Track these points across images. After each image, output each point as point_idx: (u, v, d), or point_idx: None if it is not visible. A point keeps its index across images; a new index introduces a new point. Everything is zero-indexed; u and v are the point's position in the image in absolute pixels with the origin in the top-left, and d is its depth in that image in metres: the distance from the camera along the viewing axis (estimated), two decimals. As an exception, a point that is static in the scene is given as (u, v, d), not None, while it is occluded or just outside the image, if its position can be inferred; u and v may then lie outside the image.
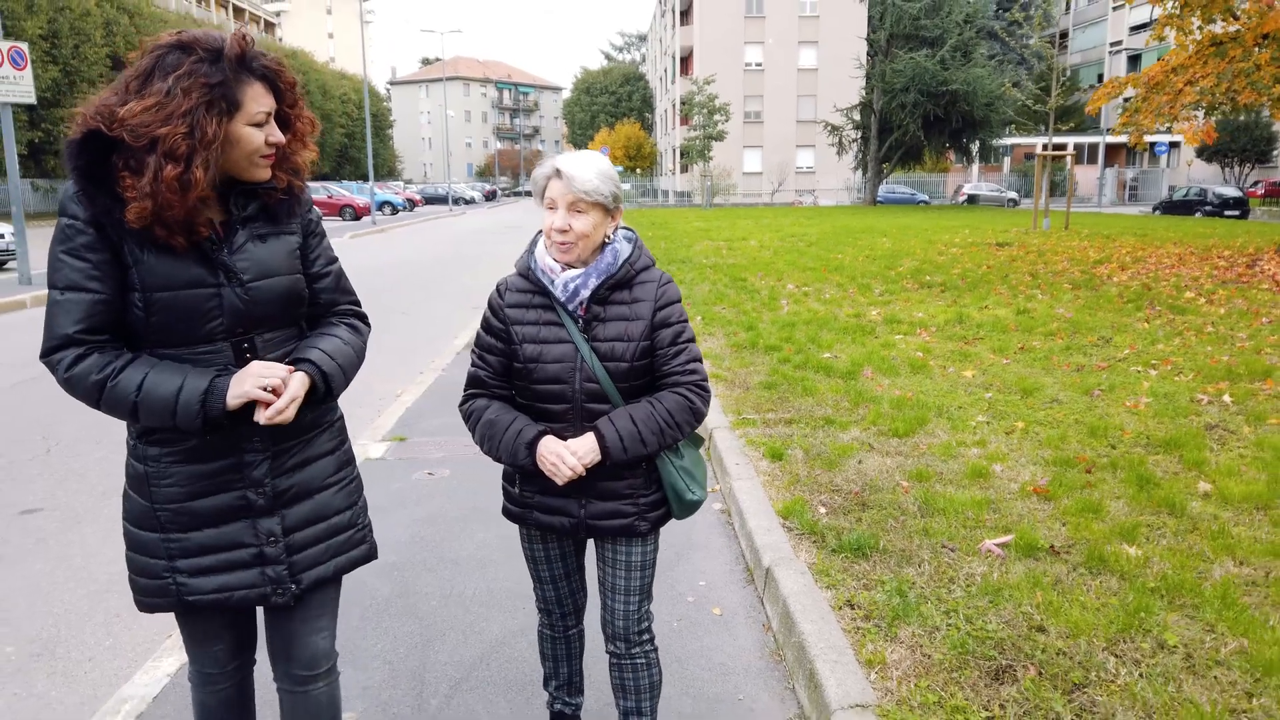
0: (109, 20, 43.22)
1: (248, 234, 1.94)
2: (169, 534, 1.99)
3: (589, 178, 2.14)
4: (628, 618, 2.42)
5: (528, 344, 2.26)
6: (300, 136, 2.02)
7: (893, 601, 3.36)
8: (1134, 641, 3.07)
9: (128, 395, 1.83)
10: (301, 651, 2.15)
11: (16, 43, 15.32)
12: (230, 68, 1.82)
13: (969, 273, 14.18)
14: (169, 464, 1.96)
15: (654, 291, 2.28)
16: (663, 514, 2.40)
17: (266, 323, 1.97)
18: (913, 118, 43.06)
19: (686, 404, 2.25)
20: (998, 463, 5.00)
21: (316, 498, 2.10)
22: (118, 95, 1.80)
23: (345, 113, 72.41)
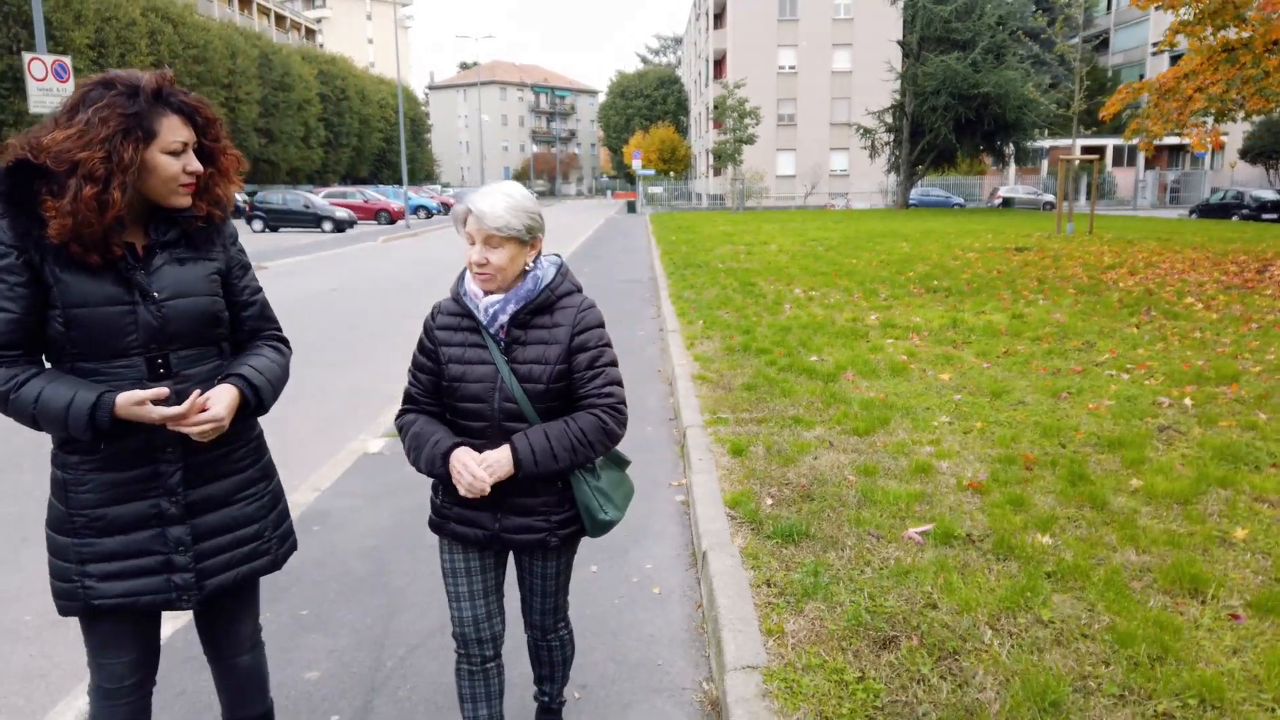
0: (153, 30, 44.47)
1: (166, 257, 2.10)
2: (82, 538, 2.11)
3: (499, 214, 2.26)
4: (544, 614, 2.65)
5: (453, 364, 2.38)
6: (224, 170, 2.18)
7: (806, 581, 3.71)
8: (1014, 618, 3.40)
9: (27, 406, 1.98)
10: (225, 638, 2.41)
11: (60, 57, 16.07)
12: (146, 100, 1.99)
13: (977, 278, 14.38)
14: (86, 471, 2.09)
15: (573, 316, 2.38)
16: (575, 531, 2.49)
17: (180, 340, 2.10)
18: (944, 120, 43.00)
19: (600, 424, 2.34)
20: (945, 460, 5.32)
21: (226, 510, 2.23)
22: (46, 129, 1.98)
23: (383, 117, 73.59)
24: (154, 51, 43.97)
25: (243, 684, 2.49)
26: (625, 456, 2.61)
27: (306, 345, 10.38)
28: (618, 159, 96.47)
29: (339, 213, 36.35)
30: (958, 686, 2.95)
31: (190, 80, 47.10)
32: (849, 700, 2.89)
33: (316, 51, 71.38)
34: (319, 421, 7.14)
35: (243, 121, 52.78)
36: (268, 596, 3.96)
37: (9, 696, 3.34)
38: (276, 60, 57.40)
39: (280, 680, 3.32)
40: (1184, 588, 3.60)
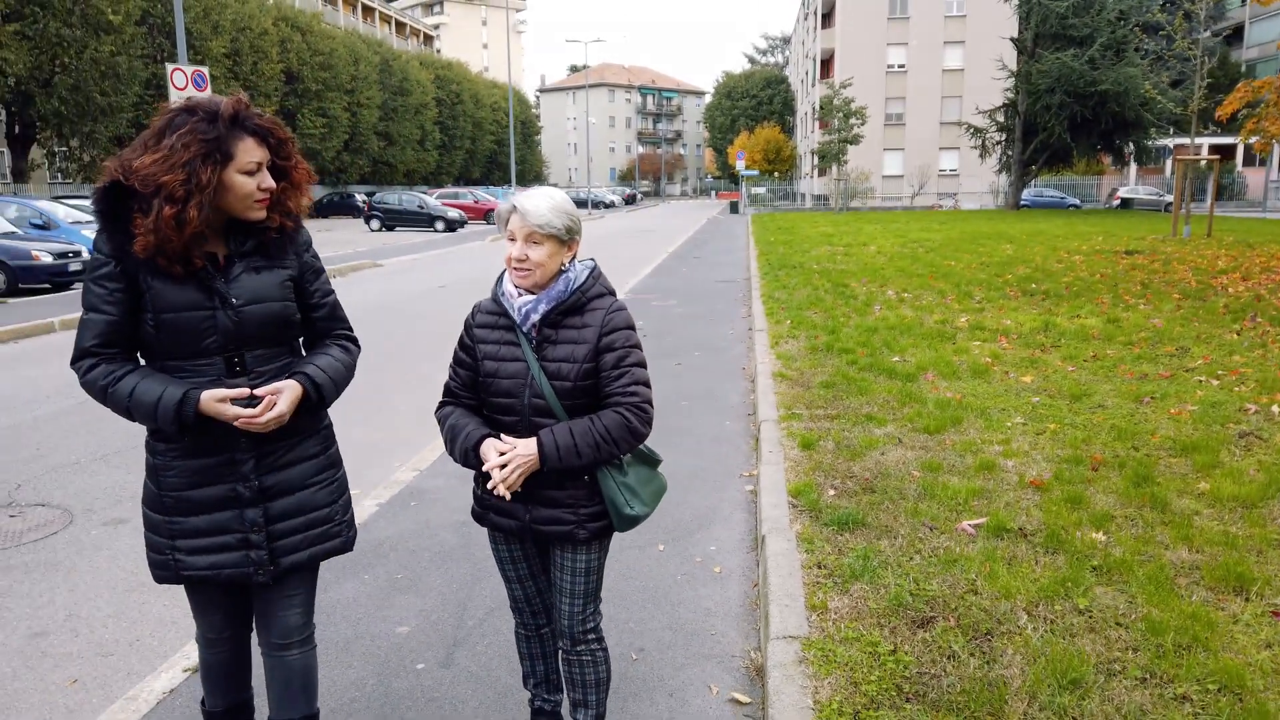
0: (284, 38, 46.88)
1: (244, 266, 2.29)
2: (171, 517, 2.34)
3: (542, 212, 2.39)
4: (572, 618, 2.63)
5: (487, 360, 2.51)
6: (296, 184, 2.35)
7: (855, 565, 3.94)
8: (1051, 605, 3.56)
9: (122, 399, 2.20)
10: (277, 624, 2.50)
11: (199, 67, 17.30)
12: (224, 125, 2.17)
13: (1078, 281, 14.08)
14: (172, 458, 2.32)
15: (602, 318, 2.47)
16: (604, 525, 2.55)
17: (255, 342, 2.29)
18: (1058, 119, 41.64)
19: (624, 423, 2.41)
20: (1012, 459, 5.43)
21: (299, 494, 2.42)
22: (137, 152, 2.17)
23: (495, 120, 75.51)
24: (283, 59, 46.39)
25: (292, 682, 2.53)
26: (656, 455, 2.68)
27: (415, 338, 11.03)
28: (722, 159, 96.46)
29: (450, 213, 37.66)
30: (985, 663, 3.15)
31: (316, 86, 49.48)
32: (879, 669, 3.13)
33: (433, 57, 73.86)
34: (423, 409, 7.66)
35: (363, 125, 55.10)
36: (369, 561, 4.44)
37: (145, 638, 3.86)
38: (396, 66, 59.69)
39: (375, 633, 3.75)
40: (1229, 585, 3.69)
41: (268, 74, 44.54)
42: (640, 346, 2.55)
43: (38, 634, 3.84)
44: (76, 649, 3.73)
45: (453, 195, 44.98)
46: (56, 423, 7.18)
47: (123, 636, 3.84)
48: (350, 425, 6.88)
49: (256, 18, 44.05)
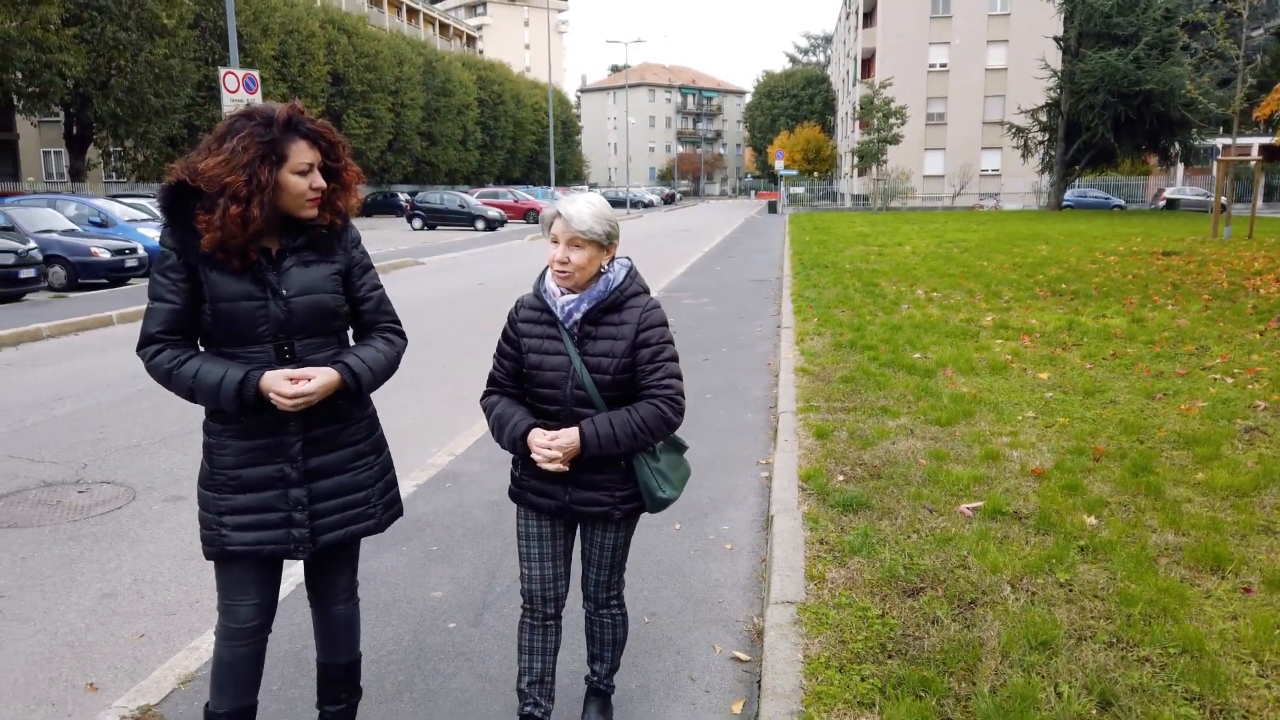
0: (330, 41, 47.84)
1: (295, 260, 2.45)
2: (221, 494, 2.49)
3: (585, 219, 2.53)
4: (599, 585, 2.89)
5: (531, 354, 2.67)
6: (346, 185, 2.51)
7: (855, 541, 4.23)
8: (1035, 579, 3.82)
9: (186, 380, 2.36)
10: (326, 588, 2.78)
11: (250, 70, 17.92)
12: (279, 129, 2.33)
13: (1110, 282, 14.15)
14: (226, 438, 2.47)
15: (639, 315, 2.63)
16: (637, 506, 2.74)
17: (304, 331, 2.45)
18: (1102, 119, 41.18)
19: (659, 414, 2.58)
20: (1018, 449, 5.66)
21: (340, 477, 2.57)
22: (202, 155, 2.34)
23: (536, 120, 76.23)
24: (330, 60, 47.38)
25: (337, 631, 2.81)
26: (683, 441, 2.85)
27: (454, 333, 11.45)
28: (762, 159, 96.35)
29: (491, 212, 38.28)
30: (965, 628, 3.43)
31: (361, 87, 50.44)
32: (866, 630, 3.42)
33: (476, 58, 74.77)
34: (459, 398, 8.04)
35: (407, 125, 56.03)
36: (408, 535, 4.80)
37: (205, 600, 4.23)
38: (439, 67, 60.59)
39: (412, 597, 4.11)
40: (1206, 565, 3.92)
41: (315, 75, 45.51)
42: (673, 342, 2.71)
43: (107, 595, 4.25)
44: (142, 608, 4.13)
45: (493, 195, 45.66)
46: (117, 409, 7.67)
47: (184, 598, 4.24)
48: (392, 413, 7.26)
49: (304, 20, 45.05)
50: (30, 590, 4.27)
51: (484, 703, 3.20)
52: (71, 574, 4.46)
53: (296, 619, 3.70)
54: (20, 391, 8.37)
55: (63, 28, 29.35)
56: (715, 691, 3.26)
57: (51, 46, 28.19)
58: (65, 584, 4.34)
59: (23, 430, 6.99)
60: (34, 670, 3.56)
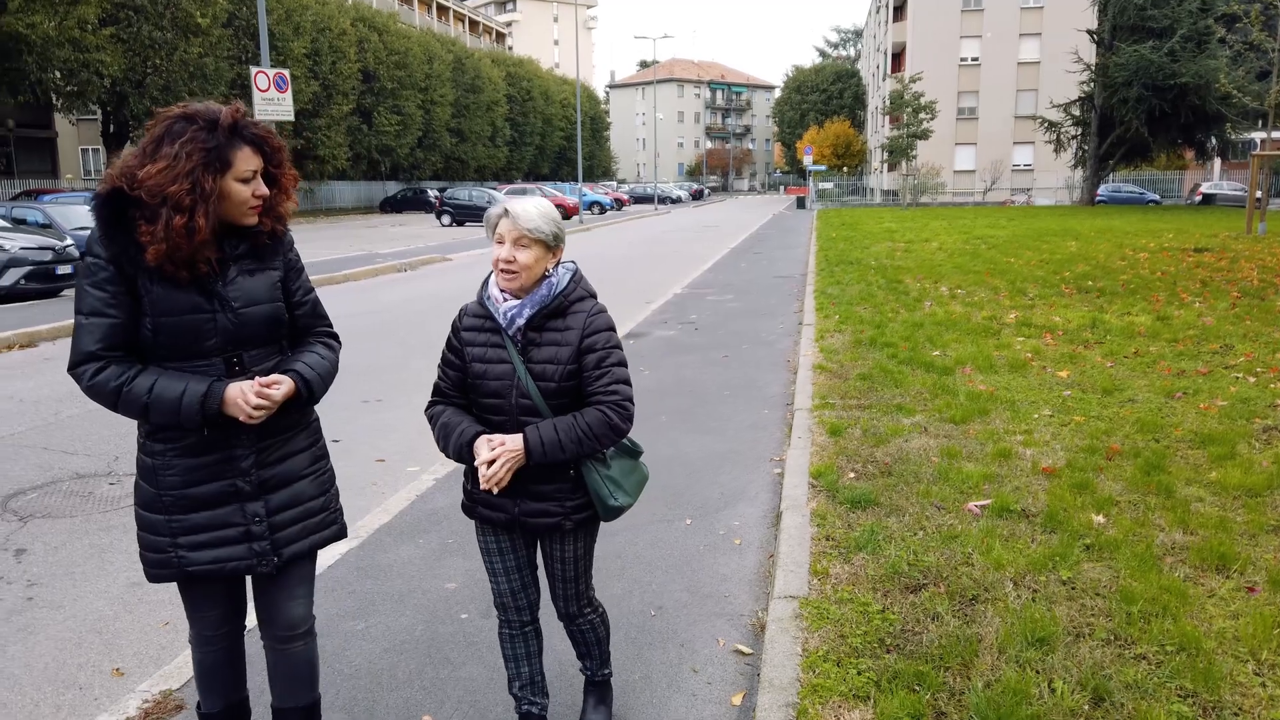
0: (361, 38, 48.29)
1: (238, 269, 2.34)
2: (172, 515, 2.36)
3: (533, 217, 2.50)
4: (566, 600, 2.82)
5: (475, 363, 2.61)
6: (285, 190, 2.41)
7: (862, 538, 4.28)
8: (1038, 576, 3.86)
9: (140, 398, 2.21)
10: (281, 617, 2.55)
11: (281, 69, 18.18)
12: (224, 134, 2.20)
13: (1137, 279, 14.01)
14: (171, 457, 2.34)
15: (583, 320, 2.58)
16: (589, 516, 2.68)
17: (252, 342, 2.36)
18: (1136, 113, 40.63)
19: (605, 420, 2.52)
20: (1031, 447, 5.68)
21: (294, 486, 2.48)
22: (137, 159, 2.19)
23: (565, 116, 76.49)
24: (361, 58, 47.84)
25: (295, 672, 2.61)
26: (638, 446, 2.78)
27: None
28: (791, 154, 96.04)
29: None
30: (964, 624, 3.48)
31: (391, 84, 50.89)
32: (866, 625, 3.48)
33: (505, 55, 75.13)
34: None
35: (436, 122, 56.48)
36: (424, 528, 4.91)
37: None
38: (469, 64, 60.98)
39: (426, 588, 4.22)
40: (1211, 564, 3.94)
41: (346, 73, 45.98)
42: (620, 347, 2.65)
43: (135, 584, 4.39)
44: (168, 596, 4.26)
45: (521, 191, 45.77)
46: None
47: (208, 586, 4.38)
48: (416, 409, 7.41)
49: (336, 18, 45.53)
50: (62, 578, 4.43)
51: (490, 692, 3.30)
52: (101, 563, 4.62)
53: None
54: (56, 385, 8.60)
55: (100, 28, 29.93)
56: (716, 683, 3.34)
57: (89, 46, 28.79)
58: (95, 573, 4.50)
59: (58, 423, 7.20)
60: (64, 655, 3.71)
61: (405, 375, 8.90)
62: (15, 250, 13.75)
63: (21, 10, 26.18)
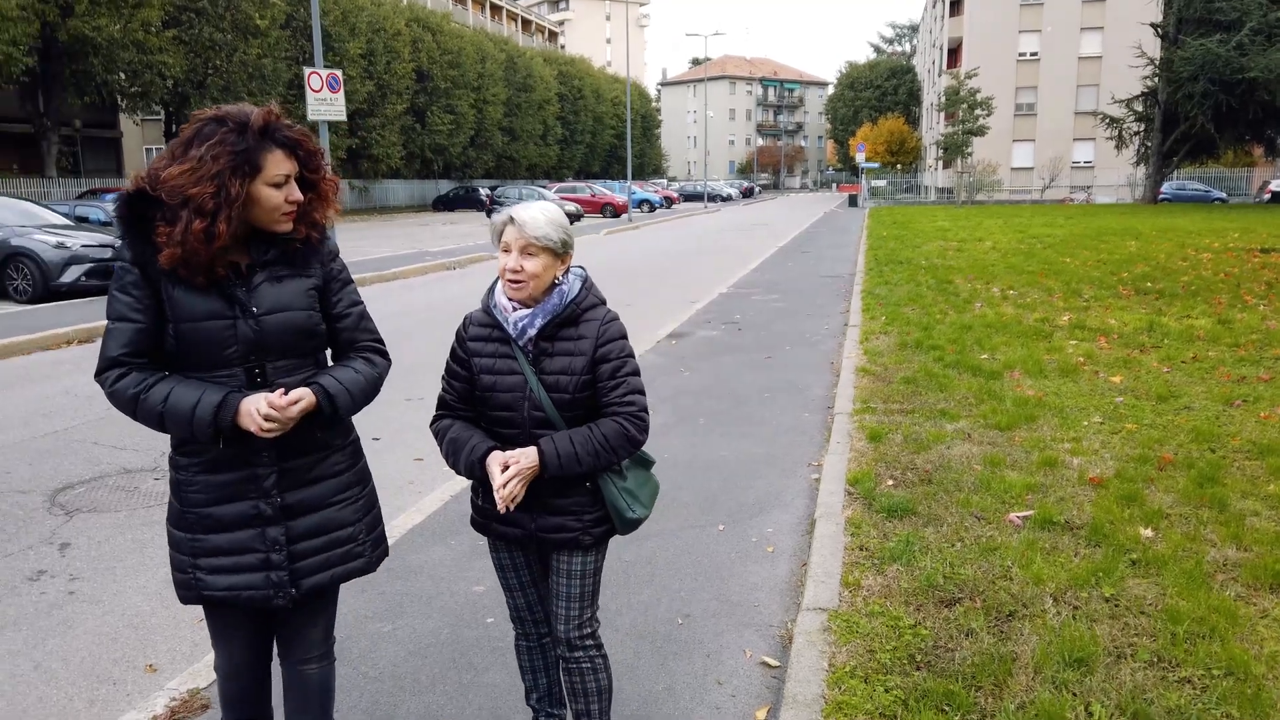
0: (415, 38, 48.89)
1: (266, 275, 2.23)
2: (194, 534, 2.27)
3: (540, 224, 2.40)
4: (568, 622, 2.63)
5: (484, 374, 2.51)
6: (323, 196, 2.31)
7: (897, 549, 4.18)
8: (1079, 593, 3.72)
9: (155, 407, 2.12)
10: (298, 639, 2.48)
11: (334, 70, 18.44)
12: (254, 137, 2.11)
13: (1199, 280, 13.57)
14: (195, 473, 2.24)
15: (597, 329, 2.49)
16: (607, 529, 2.60)
17: (276, 352, 2.23)
18: (1202, 109, 39.38)
19: (621, 431, 2.44)
20: (1078, 456, 5.50)
21: (322, 512, 2.34)
22: (165, 161, 2.12)
23: (616, 114, 76.64)
24: (415, 58, 48.43)
25: (308, 695, 2.53)
26: (650, 456, 2.71)
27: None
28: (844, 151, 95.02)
29: (567, 206, 38.54)
30: (1000, 641, 3.36)
31: (445, 84, 51.44)
32: (896, 641, 3.39)
33: (557, 53, 75.49)
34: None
35: (489, 121, 56.97)
36: (455, 529, 4.91)
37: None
38: (521, 63, 61.39)
39: (454, 590, 4.21)
40: (1265, 583, 3.76)
41: (400, 73, 46.58)
42: (634, 355, 2.57)
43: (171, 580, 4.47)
44: (205, 592, 4.34)
45: (571, 189, 46.03)
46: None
47: (243, 583, 4.42)
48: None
49: (391, 19, 46.13)
50: (103, 573, 4.51)
51: (512, 700, 3.27)
52: (142, 558, 4.70)
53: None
54: (109, 381, 8.80)
55: (162, 30, 30.69)
56: (741, 696, 3.27)
57: (152, 48, 29.54)
58: (135, 568, 4.57)
59: (109, 419, 7.35)
60: (100, 650, 3.77)
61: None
62: (77, 248, 14.11)
63: (88, 13, 26.95)
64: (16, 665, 3.64)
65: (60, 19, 26.79)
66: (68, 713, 3.33)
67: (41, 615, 4.06)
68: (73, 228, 15.34)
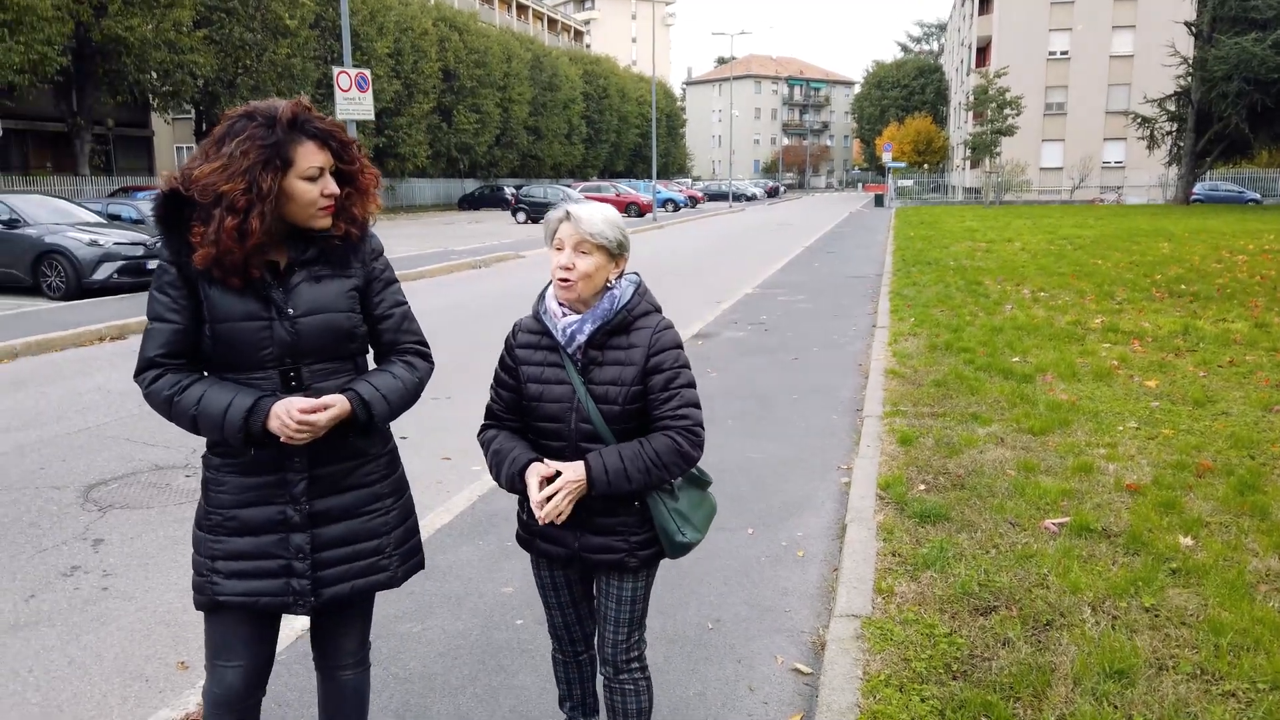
0: (442, 38, 49.12)
1: (305, 275, 2.18)
2: (216, 535, 2.21)
3: (595, 221, 2.31)
4: (615, 646, 2.54)
5: (531, 383, 2.41)
6: (362, 189, 2.23)
7: (930, 555, 4.12)
8: (1118, 602, 3.65)
9: (189, 408, 2.10)
10: (332, 646, 2.45)
11: (362, 69, 18.54)
12: (283, 129, 2.06)
13: (1235, 283, 13.36)
14: (225, 473, 2.20)
15: (649, 338, 2.36)
16: (655, 552, 2.47)
17: (313, 355, 2.18)
18: (1236, 108, 38.81)
19: (674, 447, 2.31)
20: (1114, 462, 5.42)
21: (350, 523, 2.27)
22: (197, 160, 2.09)
23: (641, 114, 76.65)
24: (442, 58, 48.67)
25: (342, 702, 2.50)
26: (707, 476, 2.56)
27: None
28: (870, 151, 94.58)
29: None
30: (1037, 651, 3.31)
31: (471, 83, 51.65)
32: (931, 649, 3.34)
33: (582, 53, 75.61)
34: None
35: (514, 120, 57.14)
36: (484, 529, 4.91)
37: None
38: (546, 62, 61.53)
39: (483, 591, 4.20)
40: (1310, 594, 3.68)
41: (427, 72, 46.80)
42: (689, 366, 2.43)
43: (206, 575, 4.49)
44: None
45: (596, 189, 46.04)
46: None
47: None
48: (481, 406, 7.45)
49: (418, 18, 46.36)
50: (135, 569, 4.54)
51: (542, 703, 3.26)
52: (174, 555, 4.72)
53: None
54: (141, 378, 8.89)
55: (193, 30, 31.00)
56: (773, 704, 3.24)
57: (183, 48, 29.86)
58: (168, 564, 4.60)
59: (141, 415, 7.41)
60: (133, 646, 3.80)
61: (473, 372, 8.96)
62: (109, 245, 14.27)
63: (121, 14, 27.28)
64: (51, 660, 3.67)
65: (94, 19, 27.14)
66: (102, 709, 3.35)
67: (75, 610, 4.09)
68: (105, 225, 15.52)
